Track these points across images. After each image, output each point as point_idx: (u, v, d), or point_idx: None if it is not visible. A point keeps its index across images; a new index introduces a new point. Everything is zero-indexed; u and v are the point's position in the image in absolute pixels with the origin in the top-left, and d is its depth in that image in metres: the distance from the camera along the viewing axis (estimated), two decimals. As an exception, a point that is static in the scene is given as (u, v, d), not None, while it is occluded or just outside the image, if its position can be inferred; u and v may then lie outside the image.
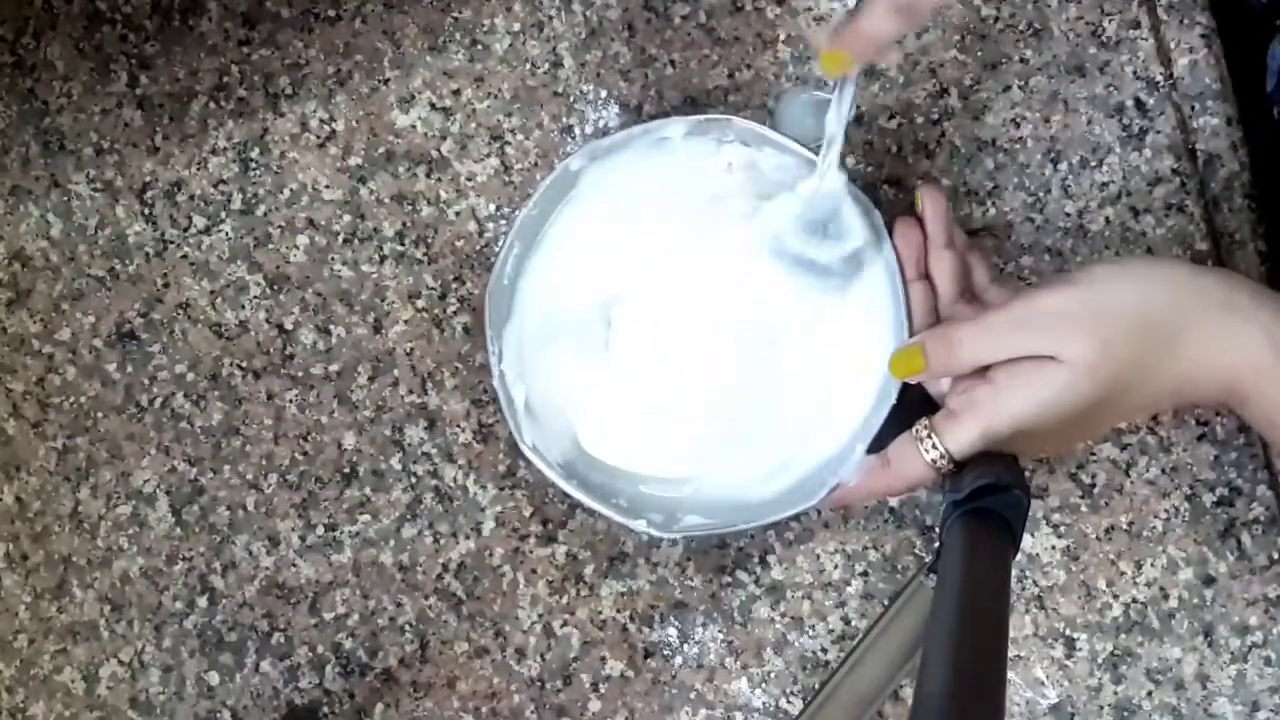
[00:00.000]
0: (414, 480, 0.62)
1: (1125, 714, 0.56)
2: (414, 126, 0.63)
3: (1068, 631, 0.56)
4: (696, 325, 0.56)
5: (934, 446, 0.48)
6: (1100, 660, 0.56)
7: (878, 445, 0.52)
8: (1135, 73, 0.58)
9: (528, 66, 0.62)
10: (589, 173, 0.57)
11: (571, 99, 0.62)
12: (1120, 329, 0.44)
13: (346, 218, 0.63)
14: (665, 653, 0.59)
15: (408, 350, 0.62)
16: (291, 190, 0.64)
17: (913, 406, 0.52)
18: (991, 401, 0.47)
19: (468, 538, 0.61)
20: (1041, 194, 0.58)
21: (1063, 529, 0.57)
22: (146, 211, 0.65)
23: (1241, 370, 0.44)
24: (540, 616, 0.60)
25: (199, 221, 0.64)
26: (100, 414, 0.65)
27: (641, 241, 0.57)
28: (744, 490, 0.55)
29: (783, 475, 0.55)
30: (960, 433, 0.47)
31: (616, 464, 0.57)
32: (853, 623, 0.58)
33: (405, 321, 0.62)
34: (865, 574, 0.58)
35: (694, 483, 0.56)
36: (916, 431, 0.49)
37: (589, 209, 0.57)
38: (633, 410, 0.57)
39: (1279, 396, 0.44)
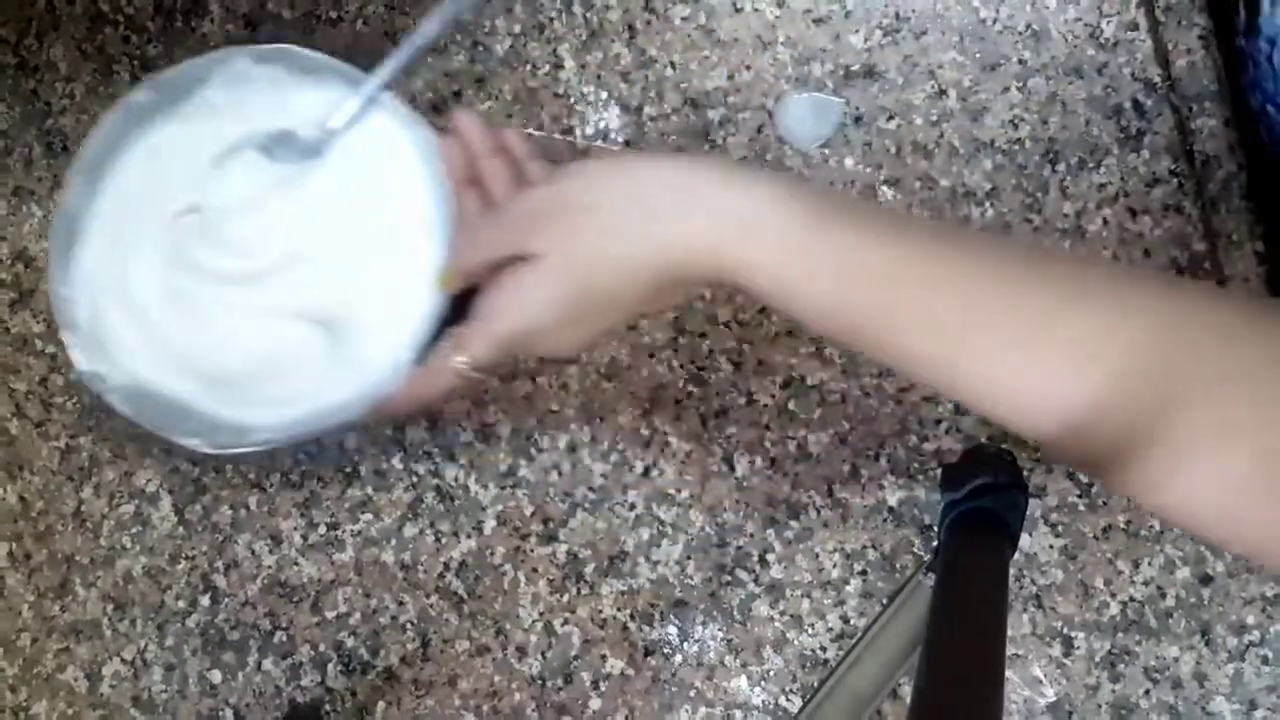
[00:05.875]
0: (415, 479, 0.62)
1: (1123, 712, 0.56)
2: (415, 127, 0.63)
3: (1066, 630, 0.57)
4: (258, 246, 0.57)
5: (460, 357, 0.49)
6: (1098, 659, 0.56)
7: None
8: (1133, 74, 0.58)
9: (528, 68, 0.62)
10: (156, 104, 0.57)
11: (572, 100, 0.62)
12: (588, 224, 0.45)
13: (348, 218, 0.63)
14: (665, 651, 0.59)
15: (409, 350, 0.62)
16: (293, 191, 0.64)
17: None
18: (495, 306, 0.48)
19: (469, 536, 0.61)
20: (1039, 195, 0.58)
21: (1061, 528, 0.57)
22: (149, 212, 0.65)
23: (716, 246, 0.45)
24: (541, 615, 0.60)
25: (201, 222, 0.65)
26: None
27: (208, 166, 0.57)
28: (311, 400, 0.55)
29: (345, 382, 0.55)
30: (477, 340, 0.48)
31: (181, 388, 0.56)
32: (851, 621, 0.58)
33: (406, 321, 0.62)
34: (864, 573, 0.58)
35: (263, 401, 0.56)
36: (446, 342, 0.50)
37: (159, 139, 0.57)
38: (191, 334, 0.57)
39: (748, 259, 0.44)
